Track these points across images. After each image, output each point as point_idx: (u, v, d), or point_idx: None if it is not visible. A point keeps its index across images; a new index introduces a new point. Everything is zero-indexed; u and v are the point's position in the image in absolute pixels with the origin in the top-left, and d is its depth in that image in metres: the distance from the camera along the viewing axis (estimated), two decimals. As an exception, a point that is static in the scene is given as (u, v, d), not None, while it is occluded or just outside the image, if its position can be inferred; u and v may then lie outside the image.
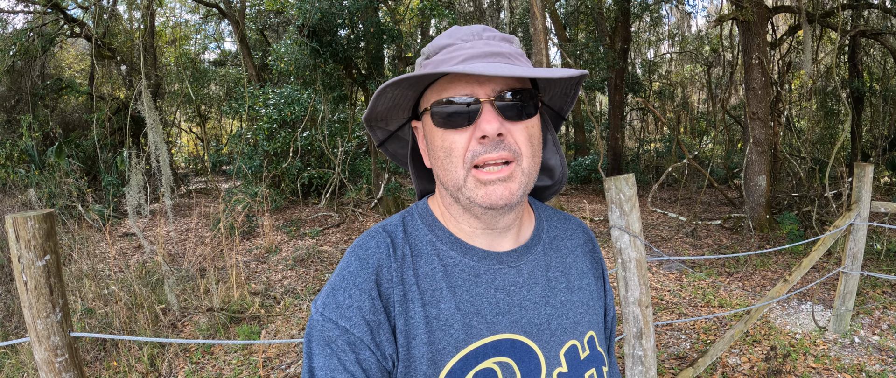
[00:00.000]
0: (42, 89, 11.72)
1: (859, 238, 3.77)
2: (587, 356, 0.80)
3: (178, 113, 16.87)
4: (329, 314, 0.69)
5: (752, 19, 7.10)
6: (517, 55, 0.73)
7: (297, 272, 5.97)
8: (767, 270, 5.74)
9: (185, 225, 8.56)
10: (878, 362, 3.54)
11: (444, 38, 0.74)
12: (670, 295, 5.07)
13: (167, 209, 5.54)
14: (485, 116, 0.68)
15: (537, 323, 0.76)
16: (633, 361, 2.38)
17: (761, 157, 7.27)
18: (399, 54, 11.06)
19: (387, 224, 0.79)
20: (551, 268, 0.81)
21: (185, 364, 3.78)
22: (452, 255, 0.75)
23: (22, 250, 1.61)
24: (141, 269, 5.83)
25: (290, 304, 4.94)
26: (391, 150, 0.89)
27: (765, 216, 7.27)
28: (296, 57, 8.72)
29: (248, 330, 4.31)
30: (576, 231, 0.90)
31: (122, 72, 13.26)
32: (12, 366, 3.67)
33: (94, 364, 3.75)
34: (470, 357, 0.71)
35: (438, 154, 0.72)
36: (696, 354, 3.74)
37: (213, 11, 15.13)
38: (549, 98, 0.84)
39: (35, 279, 1.63)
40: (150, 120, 5.77)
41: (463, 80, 0.69)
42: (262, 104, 9.62)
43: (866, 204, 3.71)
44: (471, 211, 0.74)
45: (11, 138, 10.44)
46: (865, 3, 8.87)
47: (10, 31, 10.87)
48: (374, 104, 0.73)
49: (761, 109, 7.20)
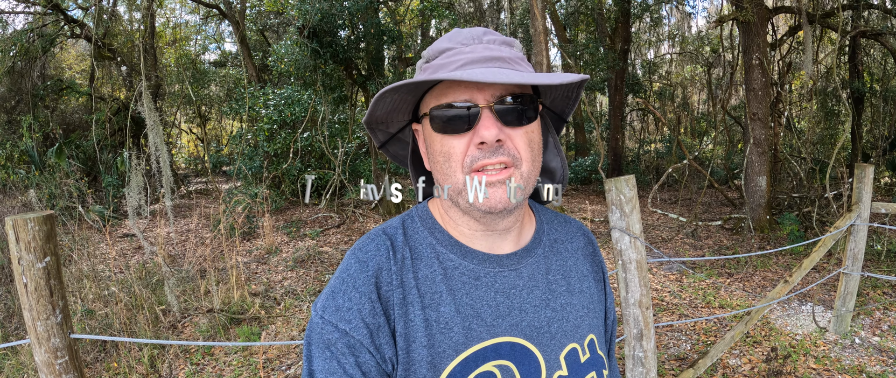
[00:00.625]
0: (42, 90, 11.73)
1: (860, 239, 3.77)
2: (587, 359, 0.80)
3: (179, 114, 16.89)
4: (329, 317, 0.69)
5: (752, 20, 7.10)
6: (518, 59, 0.73)
7: (297, 273, 5.97)
8: (768, 271, 5.73)
9: (185, 226, 8.56)
10: (878, 363, 3.54)
11: (445, 42, 0.74)
12: (671, 296, 5.07)
13: (168, 210, 5.54)
14: (483, 122, 0.68)
15: (537, 326, 0.76)
16: (634, 363, 2.38)
17: (762, 158, 7.27)
18: (399, 55, 11.06)
19: (387, 227, 0.79)
20: (552, 271, 0.81)
21: (185, 365, 3.78)
22: (452, 258, 0.75)
23: (22, 252, 1.61)
24: (141, 270, 5.83)
25: (291, 306, 4.94)
26: (392, 152, 0.89)
27: (765, 217, 7.27)
28: (296, 58, 8.73)
29: (249, 331, 4.31)
30: (576, 234, 0.90)
31: (122, 72, 13.27)
32: (12, 367, 3.67)
33: (94, 365, 3.75)
34: (470, 360, 0.70)
35: (438, 158, 0.72)
36: (696, 355, 3.74)
37: (214, 12, 15.14)
38: (550, 101, 0.84)
39: (35, 281, 1.63)
40: (150, 121, 5.77)
41: (462, 86, 0.69)
42: (263, 105, 9.62)
43: (867, 205, 3.71)
44: (470, 214, 0.74)
45: (12, 139, 10.44)
46: (866, 4, 8.86)
47: (11, 32, 10.88)
48: (373, 108, 0.73)
49: (762, 110, 7.20)
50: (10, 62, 10.57)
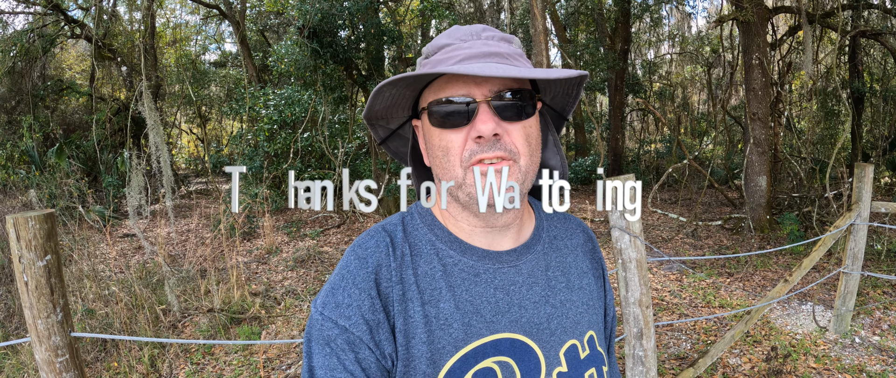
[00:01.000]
0: (43, 90, 11.74)
1: (860, 238, 3.77)
2: (587, 356, 0.80)
3: (179, 114, 16.90)
4: (328, 313, 0.69)
5: (752, 20, 7.10)
6: (516, 55, 0.73)
7: (297, 273, 5.97)
8: (768, 271, 5.73)
9: (185, 226, 8.56)
10: (878, 362, 3.54)
11: (444, 38, 0.75)
12: (671, 295, 5.07)
13: (168, 210, 5.55)
14: (481, 117, 0.68)
15: (537, 322, 0.76)
16: (634, 362, 2.38)
17: (762, 158, 7.27)
18: (399, 55, 11.07)
19: (386, 223, 0.79)
20: (551, 267, 0.81)
21: (185, 365, 3.78)
22: (452, 255, 0.75)
23: (23, 250, 1.61)
24: (141, 269, 5.84)
25: (291, 305, 4.94)
26: (393, 148, 0.89)
27: (765, 217, 7.27)
28: (296, 58, 8.73)
29: (249, 331, 4.32)
30: (576, 231, 0.90)
31: (122, 73, 13.28)
32: (13, 366, 3.67)
33: (94, 364, 3.75)
34: (469, 356, 0.71)
35: (436, 153, 0.72)
36: (696, 355, 3.74)
37: (214, 12, 15.15)
38: (550, 99, 0.84)
39: (36, 279, 1.63)
40: (150, 121, 5.77)
41: (460, 81, 0.69)
42: (263, 105, 9.62)
43: (867, 204, 3.71)
44: (469, 208, 0.74)
45: (12, 139, 10.45)
46: (865, 4, 8.86)
47: (11, 33, 10.89)
48: (371, 103, 0.73)
49: (762, 110, 7.20)
50: (10, 62, 10.58)
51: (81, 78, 14.99)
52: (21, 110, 11.32)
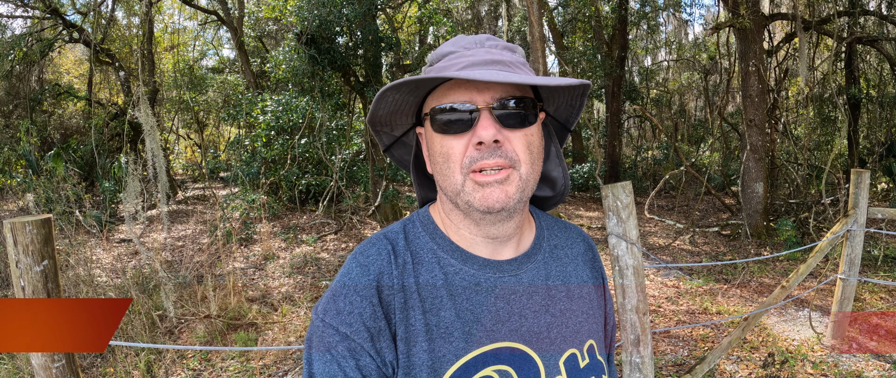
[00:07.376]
0: (40, 94, 11.72)
1: (856, 244, 3.78)
2: (586, 365, 0.80)
3: (176, 119, 16.87)
4: (330, 320, 0.70)
5: (748, 27, 7.14)
6: (519, 64, 0.74)
7: (294, 279, 5.95)
8: (765, 277, 5.74)
9: (182, 231, 8.54)
10: (875, 368, 3.54)
11: (448, 46, 0.76)
12: (668, 302, 5.07)
13: (162, 215, 5.53)
14: (482, 123, 0.68)
15: (537, 331, 0.76)
16: (631, 369, 2.37)
17: (758, 164, 7.29)
18: (397, 62, 11.08)
19: (388, 231, 0.79)
20: (551, 276, 0.81)
21: (182, 371, 3.76)
22: (453, 264, 0.75)
23: (20, 255, 1.61)
24: (138, 275, 5.81)
25: (288, 312, 4.93)
26: (397, 156, 0.89)
27: (762, 223, 7.29)
28: (294, 64, 8.72)
29: (246, 337, 4.30)
30: (576, 240, 0.90)
31: (120, 77, 13.27)
32: (9, 371, 3.65)
33: (90, 370, 3.73)
34: (469, 365, 0.71)
35: (437, 159, 0.73)
36: (693, 361, 3.74)
37: (212, 18, 15.15)
38: (554, 109, 0.84)
39: (33, 284, 1.62)
40: (146, 126, 5.76)
41: (462, 87, 0.70)
42: (260, 111, 9.62)
43: (863, 210, 3.72)
44: (470, 216, 0.74)
45: (9, 143, 10.41)
46: (861, 10, 8.93)
47: (9, 36, 10.87)
48: (375, 107, 0.74)
49: (758, 116, 7.23)
50: (8, 66, 10.55)
51: (79, 82, 14.97)
52: (18, 114, 11.30)
